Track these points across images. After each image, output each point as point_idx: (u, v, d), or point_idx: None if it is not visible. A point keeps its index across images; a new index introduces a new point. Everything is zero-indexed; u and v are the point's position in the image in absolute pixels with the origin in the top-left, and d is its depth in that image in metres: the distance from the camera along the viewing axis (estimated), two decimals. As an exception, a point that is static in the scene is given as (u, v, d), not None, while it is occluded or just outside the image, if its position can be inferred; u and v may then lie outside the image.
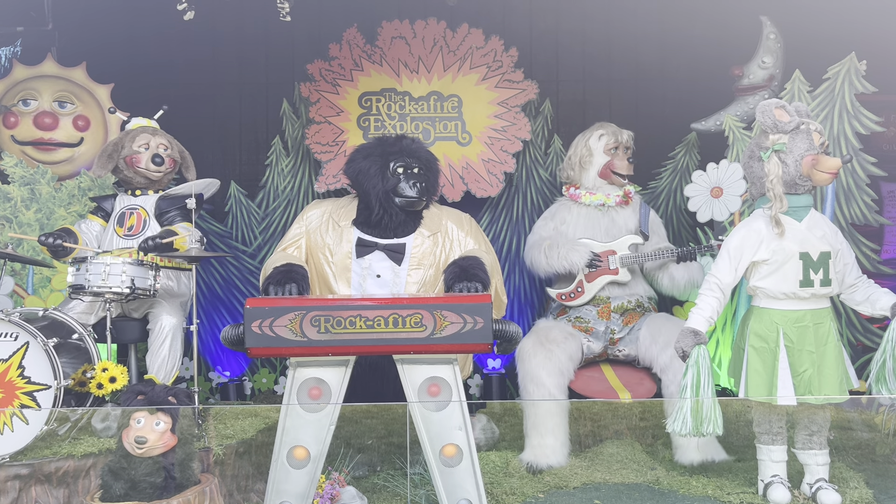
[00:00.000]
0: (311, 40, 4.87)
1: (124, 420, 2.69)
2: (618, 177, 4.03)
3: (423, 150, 3.64)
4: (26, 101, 4.81)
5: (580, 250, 3.83)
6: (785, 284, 3.02)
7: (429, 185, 3.56)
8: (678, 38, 4.75)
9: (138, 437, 2.65)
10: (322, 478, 2.84)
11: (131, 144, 3.96)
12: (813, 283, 3.00)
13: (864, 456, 3.49)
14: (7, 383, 3.15)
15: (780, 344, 3.01)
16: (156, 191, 4.04)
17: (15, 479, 2.97)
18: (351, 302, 2.80)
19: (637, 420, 3.84)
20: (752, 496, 3.12)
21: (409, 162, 3.52)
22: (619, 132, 4.09)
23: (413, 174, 3.51)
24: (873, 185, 4.32)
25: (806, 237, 3.02)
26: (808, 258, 3.00)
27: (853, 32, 4.35)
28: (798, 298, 3.03)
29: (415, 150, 3.58)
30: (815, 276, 3.00)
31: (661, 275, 3.96)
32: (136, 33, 4.79)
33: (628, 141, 4.08)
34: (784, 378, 3.00)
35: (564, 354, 3.62)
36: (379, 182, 3.47)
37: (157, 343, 3.71)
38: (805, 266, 3.00)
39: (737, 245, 3.09)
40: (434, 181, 3.62)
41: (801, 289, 3.01)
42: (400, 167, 3.50)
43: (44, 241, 3.73)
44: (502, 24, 4.87)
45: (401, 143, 3.58)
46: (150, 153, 3.95)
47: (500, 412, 4.16)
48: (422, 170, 3.55)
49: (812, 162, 3.00)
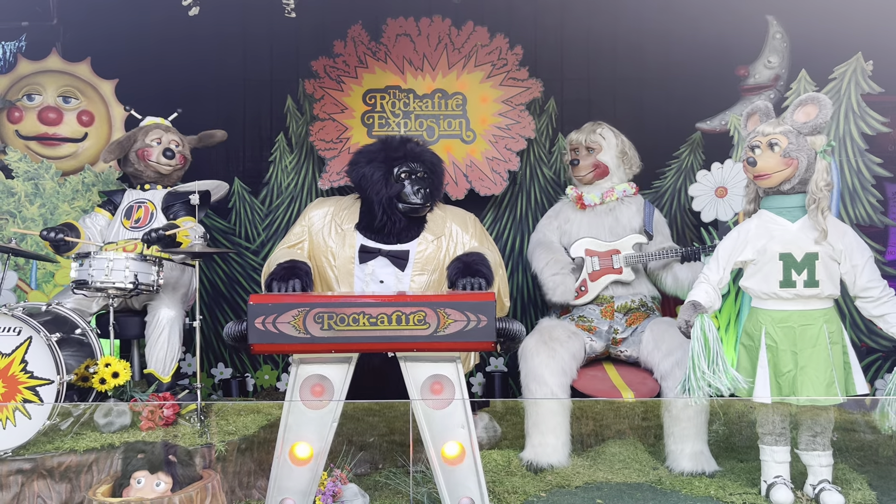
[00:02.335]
0: (315, 37, 4.86)
1: (124, 480, 2.69)
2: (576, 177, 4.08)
3: (427, 153, 3.58)
4: (31, 95, 4.81)
5: (564, 292, 3.82)
6: (766, 285, 3.06)
7: (433, 190, 3.52)
8: (684, 37, 4.74)
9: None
10: (324, 475, 2.84)
11: (144, 138, 4.07)
12: (795, 284, 3.00)
13: (867, 457, 3.48)
14: (10, 378, 3.15)
15: (762, 343, 3.05)
16: (164, 186, 4.08)
17: (17, 473, 2.97)
18: (354, 299, 2.80)
19: (639, 420, 3.84)
20: (755, 497, 3.11)
21: (413, 167, 3.47)
22: (583, 129, 4.11)
23: (417, 179, 3.47)
24: (878, 186, 4.31)
25: (795, 238, 3.03)
26: (789, 259, 3.01)
27: (860, 32, 4.34)
28: (781, 299, 3.04)
29: (419, 154, 3.52)
30: (797, 276, 3.00)
31: (665, 275, 3.95)
32: (141, 29, 4.79)
33: (590, 141, 4.04)
34: (762, 377, 3.03)
35: (567, 353, 3.62)
36: (383, 188, 3.42)
37: (155, 335, 3.71)
38: (786, 266, 3.01)
39: (726, 245, 3.21)
40: (438, 184, 3.59)
41: (781, 289, 3.02)
42: (404, 172, 3.46)
43: (46, 236, 3.75)
44: (507, 22, 4.86)
45: (405, 147, 3.52)
46: (162, 147, 4.05)
47: (502, 411, 4.15)
48: (426, 174, 3.50)
49: (743, 168, 3.16)
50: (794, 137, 3.04)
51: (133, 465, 2.72)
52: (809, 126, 3.04)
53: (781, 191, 3.10)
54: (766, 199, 3.16)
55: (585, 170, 4.03)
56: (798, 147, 3.02)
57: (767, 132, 3.07)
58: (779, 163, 3.04)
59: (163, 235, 3.60)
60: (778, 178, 3.06)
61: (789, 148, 3.03)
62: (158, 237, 3.60)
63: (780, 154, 3.03)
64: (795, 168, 3.04)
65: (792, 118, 3.08)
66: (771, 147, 3.04)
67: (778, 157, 3.03)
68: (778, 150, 3.03)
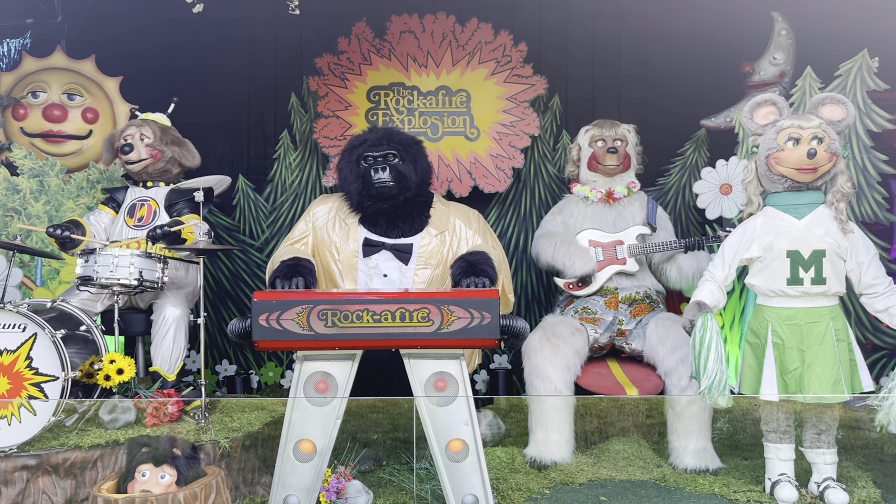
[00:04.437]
0: (319, 34, 4.86)
1: (129, 474, 2.69)
2: (606, 168, 4.02)
3: (395, 135, 3.58)
4: (35, 93, 4.82)
5: (585, 261, 3.82)
6: (773, 282, 3.03)
7: (407, 169, 3.48)
8: (688, 33, 4.72)
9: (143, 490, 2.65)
10: (328, 472, 2.85)
11: (120, 136, 4.06)
12: (802, 282, 2.99)
13: (872, 455, 3.47)
14: (15, 374, 3.16)
15: (769, 341, 3.03)
16: (167, 183, 4.07)
17: (22, 469, 2.98)
18: (358, 296, 2.80)
19: (643, 417, 3.83)
20: (759, 494, 3.11)
21: (375, 152, 3.49)
22: (605, 124, 4.10)
23: (379, 161, 3.47)
24: (884, 183, 4.30)
25: (801, 235, 3.01)
26: (797, 256, 2.99)
27: (865, 29, 4.33)
28: (788, 296, 3.02)
29: (382, 138, 3.53)
30: (804, 274, 2.98)
31: (669, 266, 3.94)
32: (146, 26, 4.79)
33: (618, 134, 4.06)
34: (769, 375, 3.01)
35: (571, 350, 3.61)
36: (352, 180, 3.47)
37: (161, 334, 3.71)
38: (793, 264, 2.99)
39: (731, 242, 3.18)
40: (417, 163, 3.55)
41: (788, 286, 3.00)
42: (365, 159, 3.49)
43: (52, 233, 3.75)
44: (511, 19, 4.85)
45: (366, 135, 3.57)
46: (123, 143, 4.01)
47: (506, 408, 4.15)
48: (394, 155, 3.50)
49: (774, 161, 3.04)
50: (833, 133, 3.03)
51: (138, 459, 2.73)
52: (843, 125, 3.05)
53: (796, 188, 3.07)
54: (773, 195, 3.14)
55: (620, 159, 4.02)
56: (837, 143, 3.02)
57: (806, 126, 3.02)
58: (825, 157, 3.01)
59: (168, 232, 3.61)
60: (821, 172, 3.03)
61: (833, 144, 3.01)
62: (163, 234, 3.60)
63: (824, 149, 3.00)
64: (834, 164, 3.03)
65: (818, 114, 3.06)
66: (819, 141, 3.01)
67: (823, 151, 3.00)
68: (824, 144, 3.01)
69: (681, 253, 3.89)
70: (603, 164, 4.02)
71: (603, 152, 4.03)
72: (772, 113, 3.13)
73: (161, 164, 4.04)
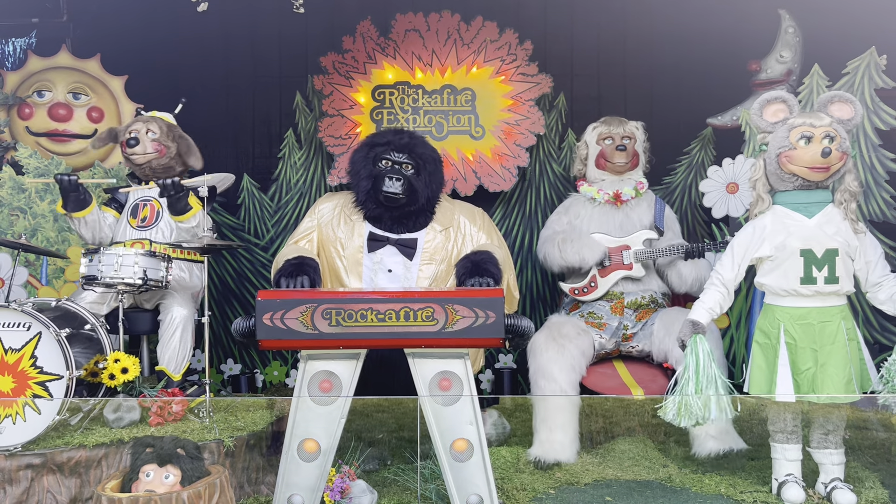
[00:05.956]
0: (324, 33, 4.85)
1: (133, 474, 2.69)
2: (615, 166, 3.99)
3: (419, 146, 3.54)
4: (41, 92, 4.83)
5: (594, 247, 3.80)
6: (786, 281, 3.00)
7: (419, 184, 3.47)
8: (694, 31, 4.69)
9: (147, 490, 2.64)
10: (332, 471, 2.84)
11: (126, 130, 4.02)
12: (816, 281, 2.96)
13: (879, 456, 3.45)
14: (19, 373, 3.17)
15: (781, 341, 3.00)
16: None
17: (27, 468, 2.99)
18: (362, 295, 2.79)
19: (649, 417, 3.81)
20: (766, 495, 3.09)
21: (396, 157, 3.46)
22: (613, 121, 4.06)
23: (396, 170, 3.45)
24: (892, 182, 4.26)
25: (813, 234, 2.98)
26: (810, 255, 2.96)
27: (873, 26, 4.30)
28: (800, 296, 2.99)
29: (406, 146, 3.50)
30: (818, 273, 2.95)
31: (670, 272, 3.92)
32: (151, 25, 4.79)
33: (626, 131, 4.03)
34: (783, 375, 2.98)
35: (577, 350, 3.60)
36: (363, 176, 3.46)
37: (168, 334, 3.71)
38: (807, 263, 2.96)
39: (740, 241, 3.13)
40: (432, 179, 3.52)
41: (802, 286, 2.97)
42: (384, 161, 3.46)
43: (60, 179, 3.70)
44: (517, 18, 4.83)
45: (391, 136, 3.52)
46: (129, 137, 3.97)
47: (511, 407, 4.14)
48: (412, 166, 3.48)
49: (786, 159, 3.00)
50: (843, 132, 3.00)
51: (142, 459, 2.72)
52: (851, 123, 3.03)
53: (805, 186, 3.04)
54: (782, 193, 3.10)
55: (629, 157, 3.99)
56: (847, 142, 3.00)
57: (818, 124, 3.00)
58: (837, 156, 2.98)
59: (178, 183, 3.60)
60: (833, 171, 3.01)
61: (844, 142, 2.99)
62: (174, 184, 3.59)
63: (836, 147, 2.98)
64: (845, 163, 3.01)
65: (828, 112, 3.04)
66: (830, 139, 2.98)
67: (835, 149, 2.98)
68: (836, 143, 2.98)
69: (681, 258, 3.87)
70: (611, 162, 4.00)
71: (611, 150, 4.01)
72: (782, 110, 3.10)
73: (165, 159, 4.01)
